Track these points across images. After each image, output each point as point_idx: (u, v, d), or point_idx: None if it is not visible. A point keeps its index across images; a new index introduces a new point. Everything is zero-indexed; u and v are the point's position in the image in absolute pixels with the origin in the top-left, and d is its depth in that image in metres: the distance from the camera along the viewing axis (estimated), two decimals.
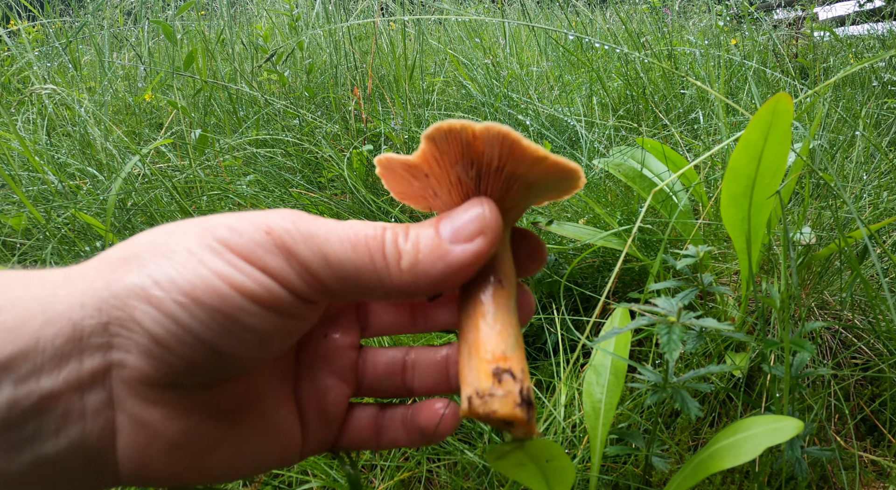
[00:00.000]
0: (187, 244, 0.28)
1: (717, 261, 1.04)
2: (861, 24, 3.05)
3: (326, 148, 1.48)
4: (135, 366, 0.28)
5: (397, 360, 0.37)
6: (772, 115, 0.62)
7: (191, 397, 0.29)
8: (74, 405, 0.27)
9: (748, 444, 0.48)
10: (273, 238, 0.28)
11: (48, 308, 0.27)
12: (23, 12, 2.92)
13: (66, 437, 0.27)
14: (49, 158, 1.43)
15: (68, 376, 0.27)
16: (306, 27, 2.26)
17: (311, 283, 0.29)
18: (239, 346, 0.28)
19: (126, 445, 0.28)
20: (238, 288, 0.27)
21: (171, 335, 0.27)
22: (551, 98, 1.94)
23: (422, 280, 0.29)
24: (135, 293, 0.28)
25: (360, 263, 0.29)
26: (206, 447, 0.30)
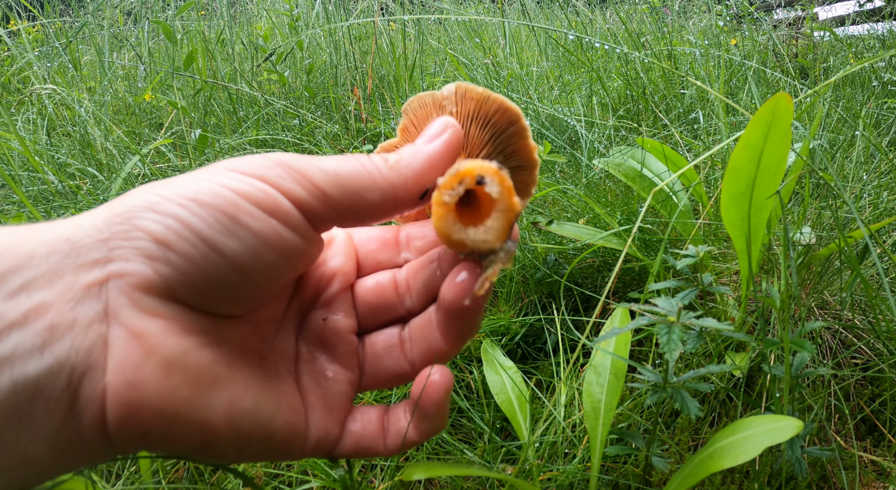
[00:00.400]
0: (191, 173, 0.30)
1: (717, 261, 1.04)
2: (861, 24, 3.05)
3: (326, 148, 1.48)
4: (134, 271, 0.27)
5: (394, 337, 0.37)
6: (772, 115, 0.62)
7: (191, 317, 0.28)
8: (64, 317, 0.25)
9: (747, 443, 0.48)
10: (273, 159, 0.30)
11: (43, 233, 0.27)
12: (23, 12, 2.92)
13: (51, 353, 0.25)
14: (49, 158, 1.43)
15: (62, 289, 0.26)
16: (306, 27, 2.26)
17: (310, 189, 0.30)
18: (239, 247, 0.28)
19: (118, 362, 0.26)
20: (239, 192, 0.28)
21: (173, 232, 0.27)
22: (551, 98, 1.94)
23: (406, 171, 0.33)
24: (138, 206, 0.28)
25: (352, 168, 0.31)
26: (205, 379, 0.28)
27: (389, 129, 1.55)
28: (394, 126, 1.57)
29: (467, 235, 0.31)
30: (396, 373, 0.37)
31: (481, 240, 0.31)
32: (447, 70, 2.22)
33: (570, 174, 1.44)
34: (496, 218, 0.31)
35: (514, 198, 0.31)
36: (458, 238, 0.31)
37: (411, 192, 0.33)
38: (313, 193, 0.30)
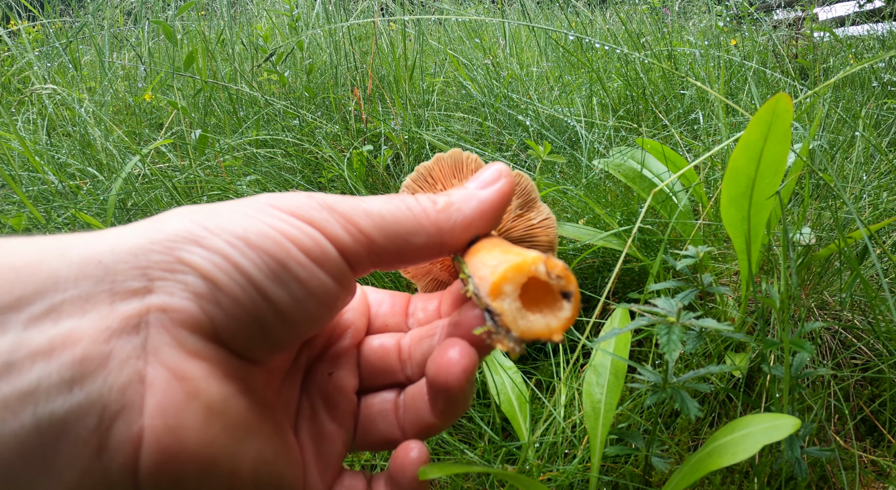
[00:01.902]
0: (231, 205, 0.28)
1: (717, 261, 1.04)
2: (861, 24, 3.05)
3: (326, 148, 1.48)
4: (180, 307, 0.25)
5: (389, 401, 0.36)
6: (771, 116, 0.62)
7: (230, 361, 0.27)
8: (98, 350, 0.23)
9: (746, 442, 0.48)
10: (316, 200, 0.29)
11: (69, 251, 0.24)
12: (23, 12, 2.92)
13: (81, 390, 0.22)
14: (49, 158, 1.43)
15: (95, 318, 0.23)
16: (306, 27, 2.26)
17: (355, 234, 0.29)
18: (286, 296, 0.27)
19: (158, 403, 0.23)
20: (289, 236, 0.27)
21: (222, 272, 0.25)
22: (551, 98, 1.94)
23: (456, 216, 0.31)
24: (180, 237, 0.26)
25: (398, 211, 0.30)
26: (241, 428, 0.27)
27: (389, 129, 1.55)
28: (393, 126, 1.57)
29: (527, 320, 0.27)
30: (387, 437, 0.35)
31: (543, 326, 0.27)
32: (447, 70, 2.22)
33: (570, 174, 1.44)
34: (564, 315, 0.27)
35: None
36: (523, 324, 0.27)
37: (459, 239, 0.32)
38: (358, 239, 0.29)
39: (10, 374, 0.21)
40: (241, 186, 1.36)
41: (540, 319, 0.27)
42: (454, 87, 2.19)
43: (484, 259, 0.29)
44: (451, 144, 1.60)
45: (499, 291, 0.26)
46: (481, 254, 0.30)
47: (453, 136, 1.67)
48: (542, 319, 0.27)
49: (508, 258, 0.27)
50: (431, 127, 1.73)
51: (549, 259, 0.27)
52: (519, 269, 0.26)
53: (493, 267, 0.27)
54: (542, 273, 0.26)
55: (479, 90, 1.92)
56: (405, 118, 1.69)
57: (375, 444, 0.36)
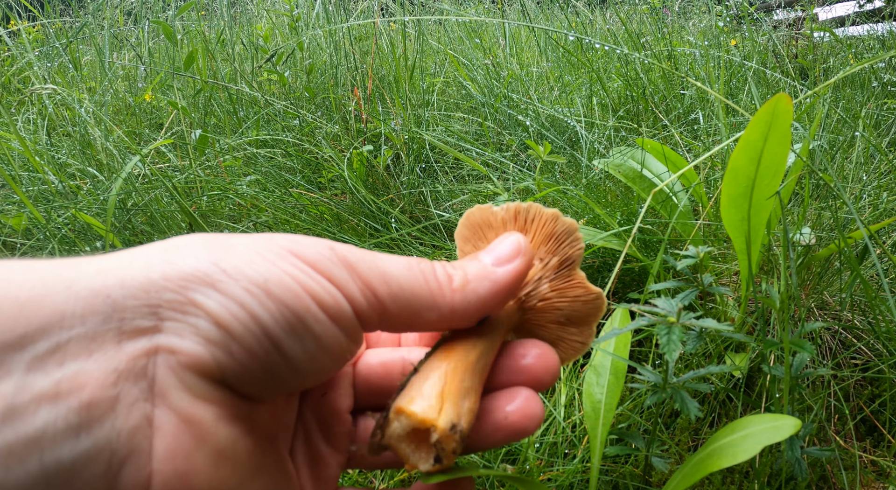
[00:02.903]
0: (250, 244, 0.27)
1: (717, 261, 1.04)
2: (861, 24, 3.05)
3: (326, 148, 1.48)
4: (189, 351, 0.24)
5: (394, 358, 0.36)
6: (771, 116, 0.62)
7: (236, 403, 0.26)
8: (105, 394, 0.22)
9: (746, 442, 0.48)
10: (336, 253, 0.28)
11: (76, 283, 0.23)
12: (23, 12, 2.92)
13: (88, 436, 0.21)
14: (49, 158, 1.43)
15: (102, 359, 0.22)
16: (306, 27, 2.26)
17: (371, 300, 0.28)
18: (300, 350, 0.26)
19: (167, 448, 0.23)
20: (309, 291, 0.26)
21: (238, 321, 0.24)
22: (551, 98, 1.94)
23: (471, 297, 0.31)
24: (196, 277, 0.25)
25: (416, 283, 0.30)
26: (250, 468, 0.27)
27: (389, 129, 1.55)
28: (393, 126, 1.57)
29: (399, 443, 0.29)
30: (390, 457, 0.35)
31: (405, 454, 0.29)
32: (447, 70, 2.22)
33: (570, 174, 1.44)
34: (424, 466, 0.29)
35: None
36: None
37: (470, 318, 0.32)
38: (372, 304, 0.28)
39: (13, 419, 0.20)
40: (241, 186, 1.36)
41: (407, 449, 0.29)
42: (454, 87, 2.19)
43: (431, 376, 0.31)
44: (451, 144, 1.60)
45: (399, 415, 0.29)
46: (439, 367, 0.31)
47: (453, 136, 1.67)
48: (408, 451, 0.29)
49: (431, 404, 0.29)
50: (431, 127, 1.73)
51: (446, 436, 0.28)
52: (421, 422, 0.28)
53: (415, 396, 0.29)
54: (432, 439, 0.28)
55: (479, 90, 1.92)
56: (405, 118, 1.69)
57: (374, 463, 0.35)
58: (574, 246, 0.36)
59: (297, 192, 1.39)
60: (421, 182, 1.51)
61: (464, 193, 1.44)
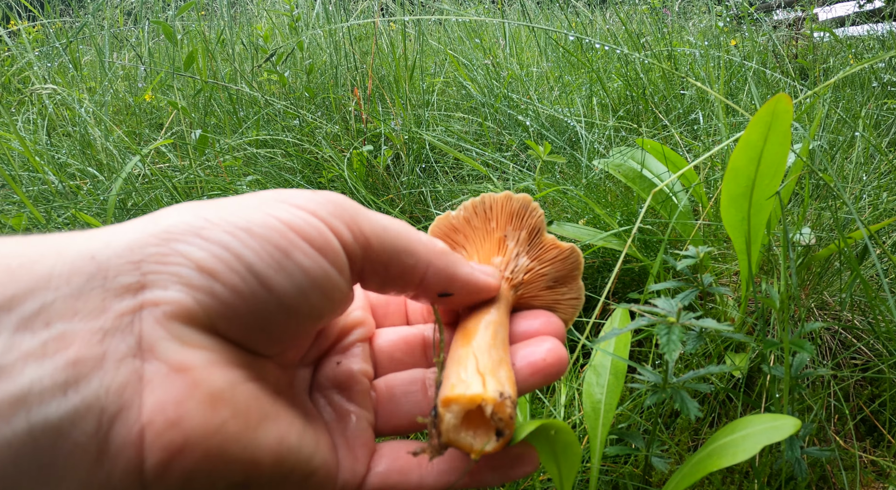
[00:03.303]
0: (236, 199, 0.28)
1: (717, 261, 1.04)
2: (861, 24, 3.05)
3: (326, 148, 1.48)
4: (173, 299, 0.24)
5: (416, 379, 0.36)
6: (771, 116, 0.62)
7: (232, 351, 0.26)
8: (91, 351, 0.22)
9: (746, 442, 0.48)
10: (324, 195, 0.29)
11: (64, 248, 0.23)
12: (23, 12, 2.92)
13: (76, 393, 0.21)
14: (49, 158, 1.43)
15: (87, 317, 0.22)
16: (306, 27, 2.26)
17: (357, 234, 0.29)
18: (289, 285, 0.26)
19: (158, 400, 0.23)
20: (292, 226, 0.27)
21: (221, 261, 0.25)
22: (551, 98, 1.94)
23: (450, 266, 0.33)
24: (180, 229, 0.25)
25: (399, 228, 0.31)
26: (254, 414, 0.25)
27: (389, 129, 1.55)
28: (393, 126, 1.57)
29: (458, 434, 0.30)
30: (414, 419, 0.35)
31: (467, 444, 0.30)
32: (447, 70, 2.22)
33: (570, 175, 1.44)
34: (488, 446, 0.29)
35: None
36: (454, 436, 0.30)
37: (437, 284, 0.33)
38: (359, 240, 0.29)
39: (1, 377, 0.20)
40: (241, 186, 1.36)
41: (468, 438, 0.29)
42: (454, 88, 2.19)
43: (462, 360, 0.31)
44: (451, 145, 1.60)
45: (448, 405, 0.29)
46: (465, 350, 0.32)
47: (453, 136, 1.67)
48: (469, 438, 0.29)
49: (473, 382, 0.30)
50: (431, 127, 1.73)
51: (499, 404, 0.29)
52: (471, 401, 0.29)
53: (455, 383, 0.30)
54: (487, 412, 0.29)
55: (479, 90, 1.92)
56: (405, 118, 1.69)
57: (400, 427, 0.35)
58: (534, 216, 0.39)
59: None
60: (421, 182, 1.51)
61: (464, 193, 1.44)
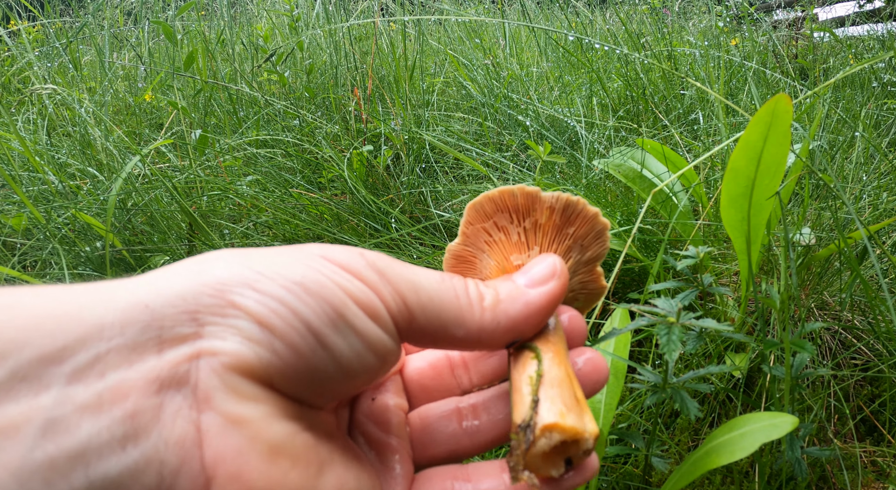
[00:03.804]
0: (281, 252, 0.27)
1: (717, 261, 1.04)
2: (861, 24, 3.05)
3: (326, 148, 1.48)
4: (231, 351, 0.23)
5: (450, 410, 0.35)
6: (771, 116, 0.63)
7: (286, 404, 0.25)
8: (148, 402, 0.21)
9: (744, 440, 0.48)
10: (366, 259, 0.28)
11: (113, 297, 0.23)
12: (23, 12, 2.92)
13: (135, 448, 0.21)
14: (49, 158, 1.43)
15: (143, 368, 0.22)
16: (306, 27, 2.26)
17: (400, 306, 0.28)
18: (346, 347, 0.26)
19: (217, 452, 0.22)
20: (344, 288, 0.26)
21: (279, 316, 0.24)
22: (551, 99, 1.94)
23: (501, 317, 0.30)
24: (234, 281, 0.24)
25: (446, 296, 0.29)
26: (313, 463, 0.25)
27: (389, 129, 1.55)
28: (393, 126, 1.57)
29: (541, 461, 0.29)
30: (451, 448, 0.34)
31: (546, 472, 0.29)
32: (447, 71, 2.22)
33: (570, 175, 1.44)
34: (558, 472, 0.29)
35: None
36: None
37: (499, 341, 0.31)
38: (401, 311, 0.28)
39: (56, 433, 0.19)
40: (241, 186, 1.36)
41: (542, 464, 0.28)
42: (454, 88, 2.19)
43: (562, 385, 0.30)
44: (451, 144, 1.60)
45: (549, 431, 0.28)
46: (560, 372, 0.30)
47: (453, 136, 1.67)
48: (543, 464, 0.29)
49: (575, 413, 0.28)
50: (431, 127, 1.73)
51: (593, 441, 0.28)
52: (574, 434, 0.28)
53: (564, 410, 0.28)
54: (583, 447, 0.28)
55: (479, 90, 1.92)
56: (405, 118, 1.69)
57: (436, 457, 0.34)
58: (603, 244, 0.37)
59: (297, 192, 1.39)
60: (421, 182, 1.51)
61: (464, 193, 1.44)
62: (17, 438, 0.19)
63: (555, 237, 0.36)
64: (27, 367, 0.20)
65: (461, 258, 0.38)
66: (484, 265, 0.37)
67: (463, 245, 0.37)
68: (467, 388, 0.36)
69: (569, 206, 0.35)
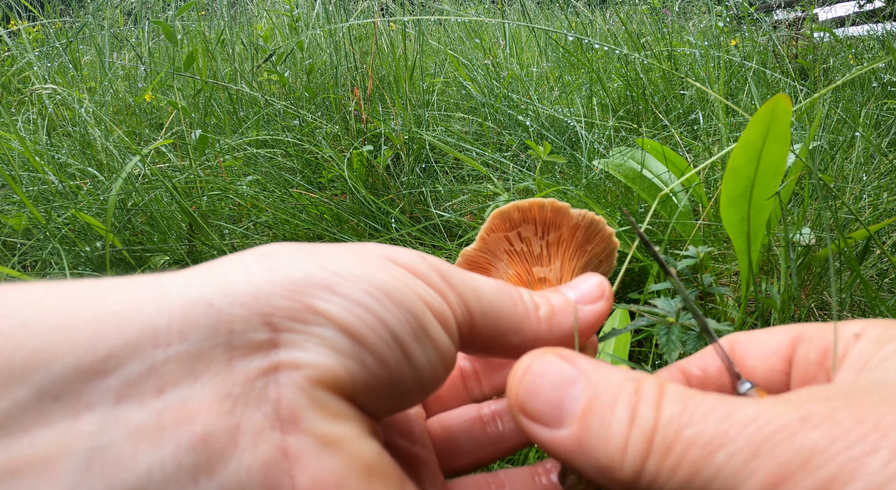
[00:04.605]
0: (345, 250, 0.24)
1: (717, 261, 1.04)
2: (861, 24, 3.05)
3: (327, 148, 1.48)
4: (318, 363, 0.20)
5: (472, 416, 0.34)
6: (770, 116, 0.63)
7: (366, 420, 0.23)
8: (222, 424, 0.18)
9: None
10: (429, 263, 0.26)
11: (166, 293, 0.19)
12: (23, 12, 2.92)
13: (210, 481, 0.17)
14: (49, 158, 1.43)
15: (213, 382, 0.18)
16: (306, 27, 2.26)
17: (464, 313, 0.26)
18: (424, 359, 0.24)
19: (313, 479, 0.19)
20: (421, 297, 0.24)
21: (365, 324, 0.21)
22: (551, 99, 1.94)
23: (556, 330, 0.29)
24: (310, 282, 0.21)
25: (505, 304, 0.28)
26: (398, 482, 0.23)
27: (389, 129, 1.55)
28: (393, 126, 1.57)
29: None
30: (477, 457, 0.32)
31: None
32: (447, 71, 2.22)
33: (570, 175, 1.44)
34: None
35: None
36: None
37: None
38: (465, 318, 0.26)
39: (105, 465, 0.16)
40: (241, 186, 1.36)
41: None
42: (454, 88, 2.19)
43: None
44: (451, 144, 1.60)
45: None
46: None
47: (453, 136, 1.67)
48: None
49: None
50: (431, 127, 1.73)
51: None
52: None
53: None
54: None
55: (479, 90, 1.92)
56: (405, 118, 1.69)
57: (461, 467, 0.33)
58: (612, 262, 0.38)
59: (297, 192, 1.39)
60: (421, 182, 1.51)
61: (464, 193, 1.44)
62: (53, 474, 0.15)
63: (575, 252, 0.36)
64: (61, 382, 0.16)
65: (475, 264, 0.38)
66: (500, 274, 0.37)
67: (480, 251, 0.36)
68: (479, 399, 0.35)
69: (592, 224, 0.36)
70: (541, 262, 0.36)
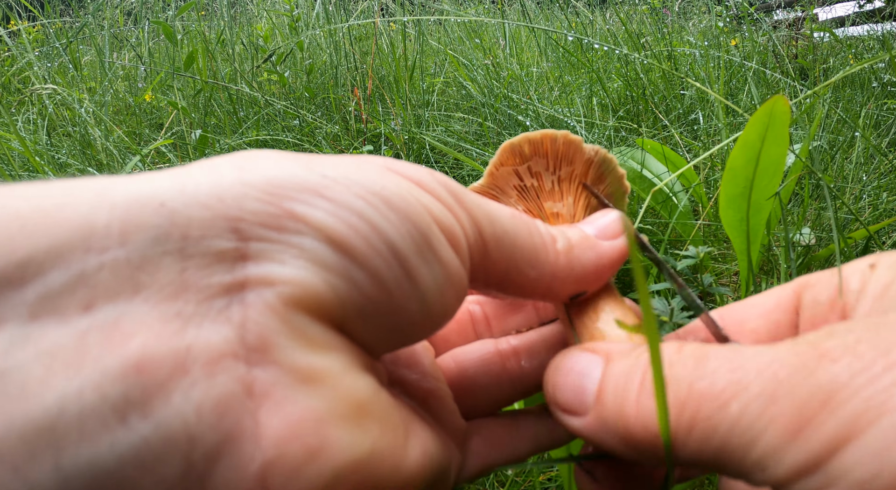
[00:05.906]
0: (343, 157, 0.20)
1: (717, 261, 1.04)
2: (861, 24, 3.05)
3: (327, 148, 1.48)
4: (295, 279, 0.16)
5: (489, 350, 0.29)
6: (769, 117, 0.63)
7: (358, 352, 0.19)
8: (165, 347, 0.14)
9: None
10: (437, 180, 0.22)
11: (108, 190, 0.15)
12: (23, 12, 2.92)
13: (144, 420, 0.13)
14: (49, 159, 1.43)
15: (158, 296, 0.14)
16: (306, 27, 2.26)
17: (476, 236, 0.22)
18: (430, 280, 0.19)
19: (286, 421, 0.15)
20: (427, 208, 0.20)
21: (357, 234, 0.17)
22: (551, 99, 1.94)
23: (576, 265, 0.26)
24: (293, 184, 0.17)
25: (520, 232, 0.24)
26: (401, 427, 0.19)
27: (389, 129, 1.56)
28: (393, 126, 1.58)
29: None
30: (496, 397, 0.29)
31: None
32: (447, 71, 2.22)
33: None
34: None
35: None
36: None
37: (567, 290, 0.26)
38: (477, 241, 0.22)
39: (6, 396, 0.12)
40: None
41: None
42: (454, 88, 2.19)
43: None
44: (451, 145, 1.60)
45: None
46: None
47: (453, 136, 1.67)
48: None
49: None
50: (431, 127, 1.73)
51: None
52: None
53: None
54: None
55: (479, 90, 1.92)
56: (405, 118, 1.69)
57: (478, 407, 0.29)
58: (623, 208, 0.35)
59: None
60: None
61: None
62: None
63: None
64: None
65: None
66: None
67: (487, 187, 0.33)
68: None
69: (605, 160, 0.32)
70: (552, 197, 0.33)
